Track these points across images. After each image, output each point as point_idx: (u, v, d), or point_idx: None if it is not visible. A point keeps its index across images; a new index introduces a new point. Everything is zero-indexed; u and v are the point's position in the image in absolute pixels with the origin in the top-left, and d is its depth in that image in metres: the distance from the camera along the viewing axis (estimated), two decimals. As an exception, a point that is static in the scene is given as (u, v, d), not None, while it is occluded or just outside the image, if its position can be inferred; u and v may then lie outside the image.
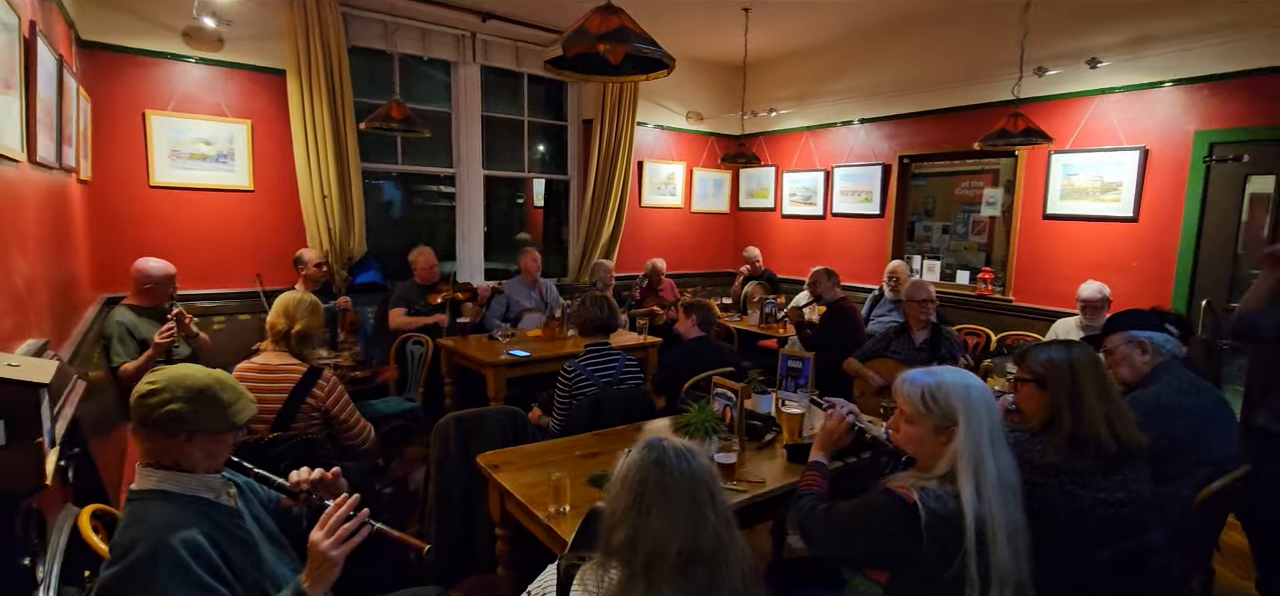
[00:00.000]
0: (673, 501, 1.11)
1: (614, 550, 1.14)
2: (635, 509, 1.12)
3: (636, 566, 1.09)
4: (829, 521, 1.58)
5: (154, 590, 1.20)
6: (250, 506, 1.51)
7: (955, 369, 1.53)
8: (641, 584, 1.08)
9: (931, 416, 1.45)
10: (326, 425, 2.37)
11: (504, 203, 6.33)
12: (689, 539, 1.09)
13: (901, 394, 1.52)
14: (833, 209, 5.96)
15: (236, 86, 4.26)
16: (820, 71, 5.91)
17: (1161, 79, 3.90)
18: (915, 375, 1.52)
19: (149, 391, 1.32)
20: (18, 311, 1.91)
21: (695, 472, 1.15)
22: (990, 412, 1.43)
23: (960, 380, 1.46)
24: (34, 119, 2.12)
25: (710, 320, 3.48)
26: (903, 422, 1.53)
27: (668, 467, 1.14)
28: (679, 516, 1.10)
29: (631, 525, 1.11)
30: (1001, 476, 1.40)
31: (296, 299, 2.46)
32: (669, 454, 1.16)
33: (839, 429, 1.86)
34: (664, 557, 1.08)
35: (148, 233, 4.00)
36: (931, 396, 1.45)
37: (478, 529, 2.62)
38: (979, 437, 1.39)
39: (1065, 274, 4.33)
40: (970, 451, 1.39)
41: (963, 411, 1.41)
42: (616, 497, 1.16)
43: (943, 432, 1.44)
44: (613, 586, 1.12)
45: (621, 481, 1.16)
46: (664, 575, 1.08)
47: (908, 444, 1.54)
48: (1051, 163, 4.40)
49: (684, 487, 1.12)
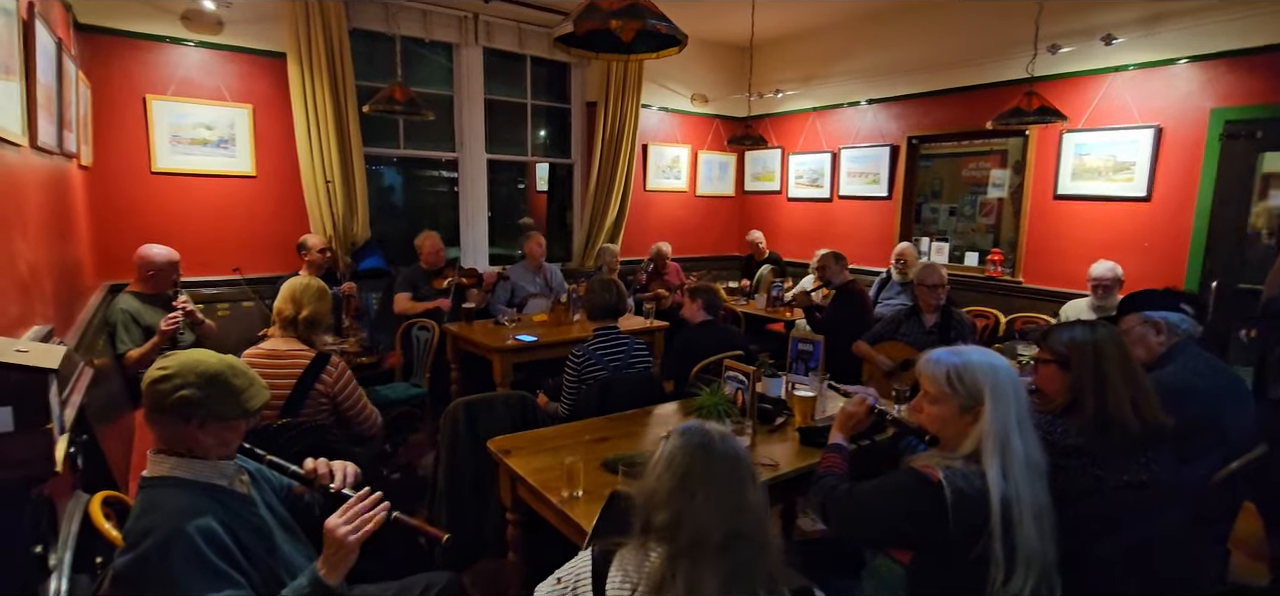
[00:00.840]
0: (718, 483, 1.11)
1: (654, 530, 1.14)
2: (681, 490, 1.12)
3: (681, 545, 1.09)
4: (851, 501, 1.57)
5: (169, 577, 1.19)
6: (262, 493, 1.50)
7: (982, 349, 1.51)
8: (686, 563, 1.08)
9: (957, 396, 1.43)
10: (335, 411, 2.36)
11: (506, 188, 6.28)
12: (733, 519, 1.09)
13: (926, 373, 1.51)
14: (839, 191, 5.91)
15: (237, 70, 4.21)
16: (827, 51, 5.84)
17: (1177, 56, 3.84)
18: (940, 354, 1.50)
19: (161, 377, 1.30)
20: (23, 298, 1.88)
21: (738, 454, 1.16)
22: (1017, 393, 1.41)
23: (987, 360, 1.44)
24: (34, 103, 2.08)
25: (717, 304, 3.45)
26: (926, 402, 1.52)
27: (713, 450, 1.14)
28: (725, 498, 1.11)
29: (676, 506, 1.11)
30: (1028, 457, 1.38)
31: (303, 284, 2.43)
32: (713, 437, 1.17)
33: (859, 411, 1.85)
34: (709, 538, 1.08)
35: (150, 219, 3.97)
36: (957, 376, 1.44)
37: (488, 514, 2.61)
38: (1006, 418, 1.38)
39: (1076, 254, 4.28)
40: (997, 432, 1.37)
41: (990, 391, 1.40)
42: (659, 479, 1.16)
43: (968, 412, 1.42)
44: (655, 567, 1.11)
45: (666, 462, 1.16)
46: (708, 556, 1.08)
47: (931, 424, 1.52)
48: (1063, 142, 4.34)
49: (728, 469, 1.13)
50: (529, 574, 2.25)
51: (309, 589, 1.28)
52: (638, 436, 2.39)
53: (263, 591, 1.32)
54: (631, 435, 2.40)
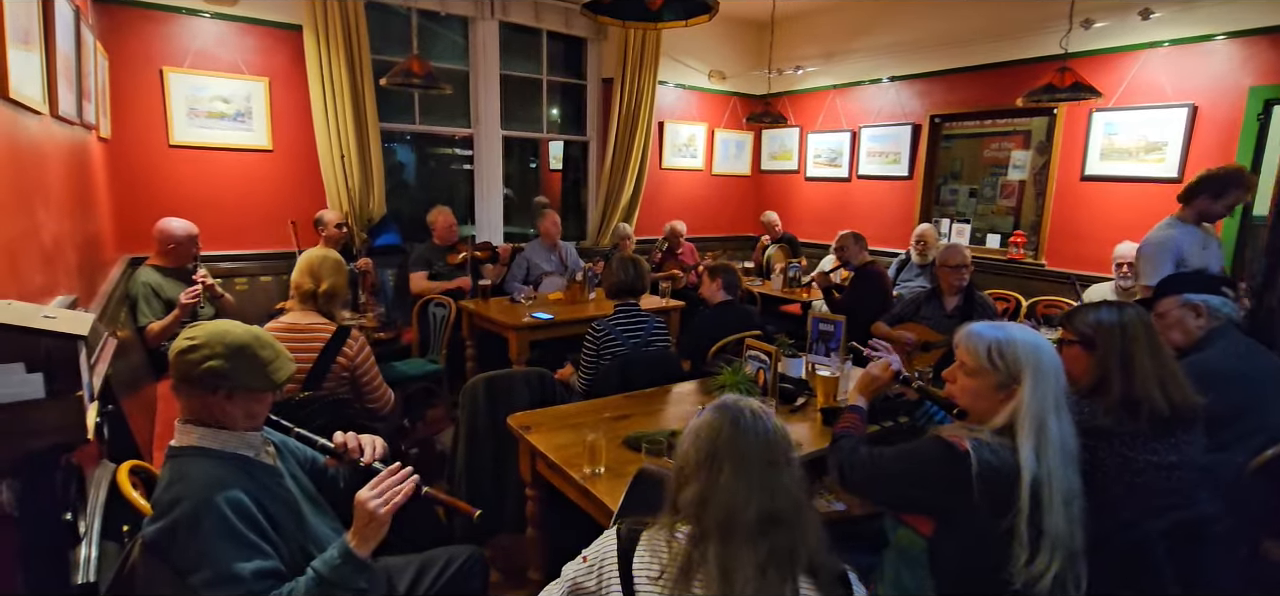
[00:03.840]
0: (747, 461, 1.08)
1: (681, 507, 1.12)
2: (707, 466, 1.09)
3: (708, 525, 1.07)
4: (873, 463, 1.55)
5: (200, 547, 1.19)
6: (288, 465, 1.50)
7: (1026, 328, 1.49)
8: (716, 543, 1.06)
9: (996, 372, 1.41)
10: (353, 385, 2.36)
11: (518, 166, 6.24)
12: (767, 501, 1.06)
13: (964, 346, 1.48)
14: (858, 171, 5.81)
15: (253, 43, 4.18)
16: (850, 26, 5.71)
17: (1214, 31, 3.71)
18: (981, 328, 1.47)
19: (189, 347, 1.29)
20: (47, 268, 1.88)
21: (771, 433, 1.12)
22: (1058, 376, 1.39)
23: (1031, 339, 1.42)
24: (54, 72, 2.06)
25: (736, 283, 3.41)
26: (961, 374, 1.49)
27: (743, 427, 1.11)
28: (754, 477, 1.08)
29: (702, 483, 1.09)
30: (1064, 442, 1.36)
31: (320, 257, 2.42)
32: (744, 414, 1.13)
33: (885, 375, 1.83)
34: (740, 519, 1.05)
35: (169, 192, 3.97)
36: (999, 352, 1.41)
37: (507, 490, 2.62)
38: (1045, 400, 1.35)
39: (1101, 237, 4.18)
40: (1035, 412, 1.35)
41: (1031, 371, 1.37)
42: (686, 453, 1.14)
43: (1004, 389, 1.40)
44: (682, 548, 1.09)
45: (693, 438, 1.14)
46: (742, 537, 1.05)
47: (963, 396, 1.51)
48: (1092, 121, 4.23)
49: (759, 448, 1.10)
50: (548, 548, 2.26)
51: (340, 560, 1.28)
52: (658, 414, 2.38)
53: (290, 562, 1.32)
54: (652, 413, 2.38)
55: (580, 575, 1.21)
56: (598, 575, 1.18)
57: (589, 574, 1.20)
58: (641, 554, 1.14)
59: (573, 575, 1.22)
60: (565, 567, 1.25)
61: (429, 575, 1.64)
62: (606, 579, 1.16)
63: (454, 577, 1.65)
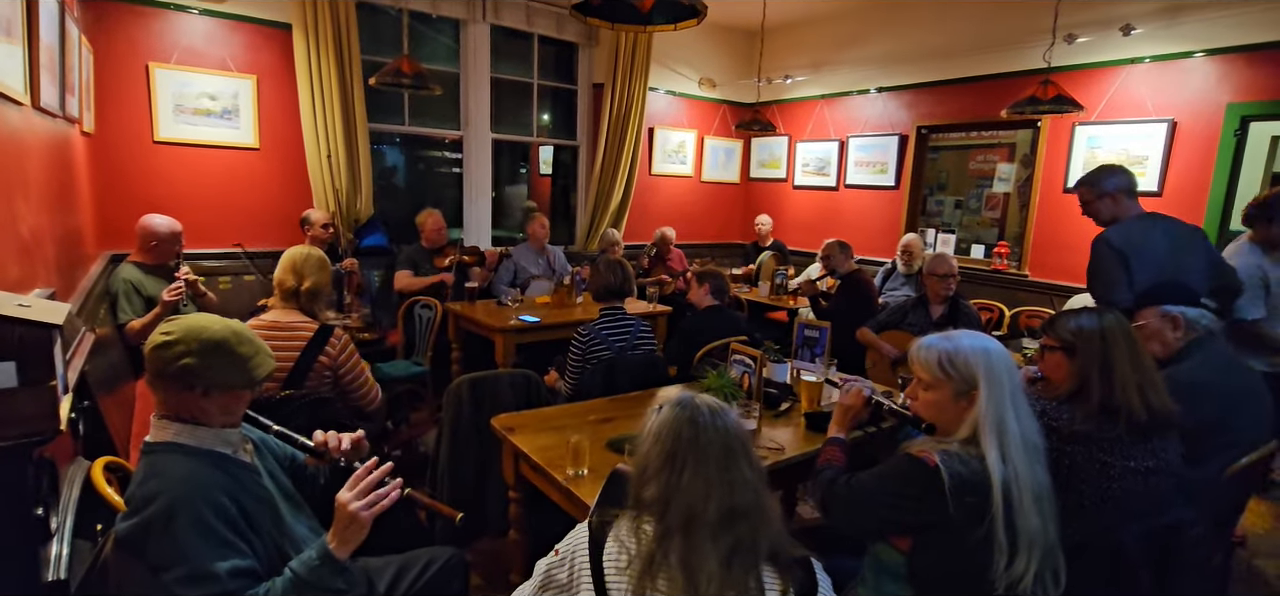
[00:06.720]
0: (707, 459, 1.09)
1: (645, 504, 1.12)
2: (668, 465, 1.10)
3: (672, 522, 1.08)
4: (850, 493, 1.55)
5: (174, 544, 1.17)
6: (266, 463, 1.48)
7: (972, 332, 1.49)
8: (679, 540, 1.07)
9: (951, 382, 1.41)
10: (336, 385, 2.33)
11: (507, 171, 6.23)
12: (727, 496, 1.07)
13: (918, 360, 1.49)
14: (846, 180, 5.86)
15: (242, 40, 4.15)
16: (839, 37, 5.77)
17: (1193, 48, 3.79)
18: (932, 341, 1.48)
19: (164, 342, 1.27)
20: (24, 260, 1.85)
21: (729, 429, 1.13)
22: (1010, 374, 1.39)
23: (978, 343, 1.43)
24: (36, 62, 2.04)
25: (724, 289, 3.42)
26: (921, 389, 1.50)
27: (701, 424, 1.12)
28: (714, 474, 1.08)
29: (664, 482, 1.09)
30: (1025, 438, 1.37)
31: (304, 254, 2.39)
32: (702, 411, 1.14)
33: (856, 403, 1.83)
34: (702, 515, 1.06)
35: (152, 188, 3.93)
36: (949, 362, 1.42)
37: (490, 492, 2.60)
38: (1001, 400, 1.36)
39: (1084, 248, 4.21)
40: (993, 415, 1.35)
41: (983, 374, 1.38)
42: (647, 453, 1.14)
43: (963, 397, 1.41)
44: (646, 543, 1.10)
45: (654, 437, 1.14)
46: (705, 532, 1.06)
47: (927, 411, 1.51)
48: (1075, 135, 4.30)
49: (718, 445, 1.11)
50: (530, 551, 2.24)
51: (318, 561, 1.26)
52: (642, 418, 2.37)
53: (267, 561, 1.30)
54: (636, 416, 2.35)
55: (553, 568, 1.21)
56: (569, 567, 1.18)
57: (561, 566, 1.20)
58: (610, 546, 1.15)
59: (546, 568, 1.22)
60: (538, 563, 1.25)
61: (409, 576, 1.62)
62: (578, 570, 1.16)
63: (434, 579, 1.63)
